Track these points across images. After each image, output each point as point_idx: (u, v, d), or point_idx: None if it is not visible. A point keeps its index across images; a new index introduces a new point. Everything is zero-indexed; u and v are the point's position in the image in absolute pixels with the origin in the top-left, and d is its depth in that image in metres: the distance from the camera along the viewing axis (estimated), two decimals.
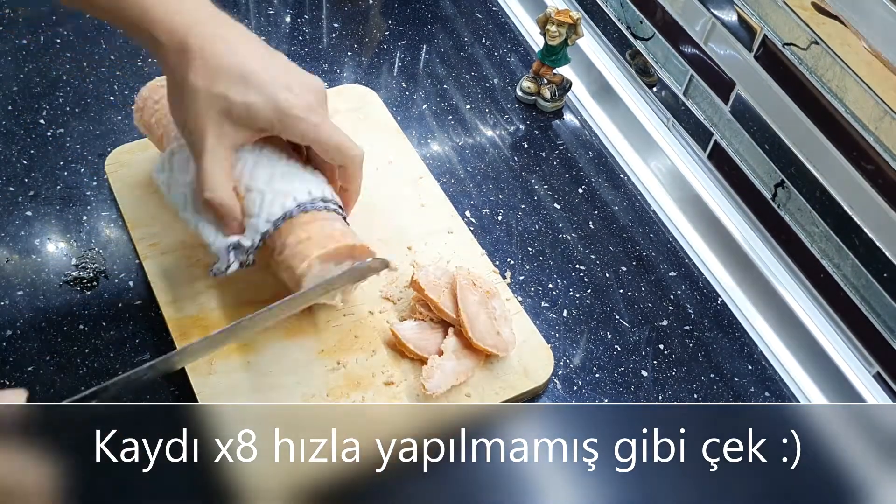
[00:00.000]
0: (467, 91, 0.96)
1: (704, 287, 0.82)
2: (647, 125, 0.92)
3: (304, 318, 0.71)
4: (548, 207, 0.86)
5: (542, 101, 0.94)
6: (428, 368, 0.67)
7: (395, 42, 0.99)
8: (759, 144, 0.81)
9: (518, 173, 0.88)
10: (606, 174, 0.91)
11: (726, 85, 0.82)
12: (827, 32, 0.70)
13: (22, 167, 0.80)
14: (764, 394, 0.76)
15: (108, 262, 0.75)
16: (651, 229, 0.86)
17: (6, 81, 0.87)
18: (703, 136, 0.88)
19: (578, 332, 0.77)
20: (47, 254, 0.75)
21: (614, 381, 0.74)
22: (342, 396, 0.67)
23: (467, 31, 1.02)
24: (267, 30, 0.98)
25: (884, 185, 0.69)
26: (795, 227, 0.79)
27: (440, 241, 0.78)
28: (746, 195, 0.84)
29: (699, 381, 0.75)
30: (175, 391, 0.67)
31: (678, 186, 0.89)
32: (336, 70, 0.95)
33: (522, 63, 0.99)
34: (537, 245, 0.82)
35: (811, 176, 0.76)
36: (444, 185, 0.84)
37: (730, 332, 0.80)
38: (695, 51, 0.85)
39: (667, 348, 0.77)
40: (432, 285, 0.71)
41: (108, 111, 0.86)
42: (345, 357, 0.69)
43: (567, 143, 0.93)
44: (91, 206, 0.78)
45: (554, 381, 0.73)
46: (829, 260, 0.77)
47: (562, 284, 0.80)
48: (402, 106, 0.93)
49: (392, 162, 0.84)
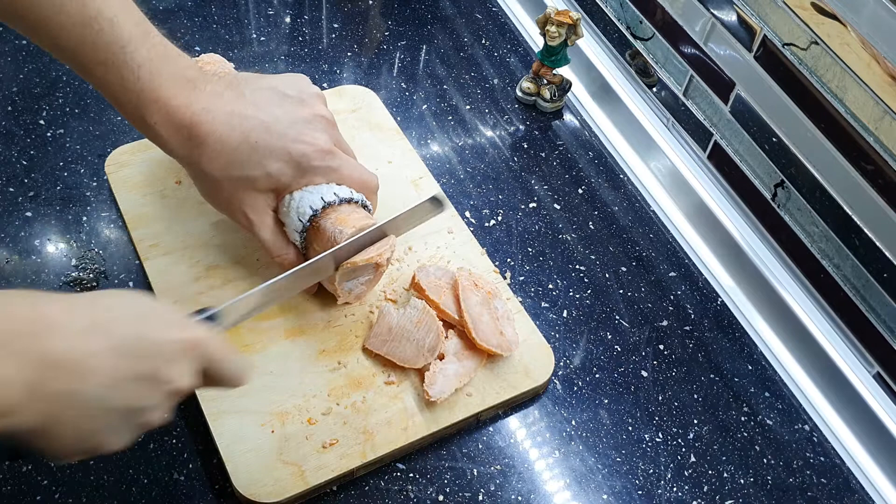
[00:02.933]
0: (467, 91, 0.96)
1: (704, 287, 0.83)
2: (646, 125, 0.92)
3: (305, 318, 0.71)
4: (548, 208, 0.86)
5: (542, 101, 0.94)
6: (430, 375, 0.67)
7: (395, 42, 0.99)
8: (759, 144, 0.81)
9: (518, 174, 0.88)
10: (606, 174, 0.91)
11: (726, 85, 0.82)
12: (827, 32, 0.70)
13: (22, 168, 0.80)
14: (764, 394, 0.76)
15: (109, 262, 0.75)
16: (651, 229, 0.86)
17: (6, 81, 0.87)
18: (702, 136, 0.88)
19: (578, 333, 0.77)
20: (47, 254, 0.75)
21: (614, 382, 0.74)
22: (343, 396, 0.67)
23: (467, 32, 1.02)
24: (267, 30, 0.98)
25: (884, 185, 0.69)
26: (795, 227, 0.79)
27: (440, 241, 0.78)
28: (746, 195, 0.85)
29: (699, 382, 0.75)
30: None
31: (678, 187, 0.89)
32: (336, 70, 0.95)
33: (522, 63, 0.99)
34: (537, 245, 0.82)
35: (811, 176, 0.76)
36: (444, 186, 0.84)
37: (730, 332, 0.80)
38: (695, 51, 0.85)
39: (667, 348, 0.77)
40: (433, 286, 0.71)
41: (108, 111, 0.86)
42: (346, 357, 0.69)
43: (567, 143, 0.93)
44: (91, 207, 0.78)
45: (554, 381, 0.73)
46: (829, 260, 0.77)
47: (562, 285, 0.80)
48: (402, 106, 0.93)
49: (392, 162, 0.84)
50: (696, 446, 0.71)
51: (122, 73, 0.60)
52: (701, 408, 0.74)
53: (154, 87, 0.61)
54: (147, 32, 0.61)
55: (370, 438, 0.65)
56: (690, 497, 0.68)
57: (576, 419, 0.71)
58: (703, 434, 0.72)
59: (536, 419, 0.71)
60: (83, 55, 0.60)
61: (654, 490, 0.68)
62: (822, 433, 0.74)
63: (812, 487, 0.71)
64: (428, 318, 0.69)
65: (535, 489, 0.67)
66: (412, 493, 0.65)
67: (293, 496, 0.62)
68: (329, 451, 0.64)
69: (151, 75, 0.60)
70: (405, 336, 0.68)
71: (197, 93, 0.62)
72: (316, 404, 0.66)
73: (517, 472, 0.67)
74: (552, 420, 0.71)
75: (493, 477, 0.67)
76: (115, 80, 0.60)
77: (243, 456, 0.63)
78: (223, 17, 0.98)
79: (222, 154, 0.62)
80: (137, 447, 0.64)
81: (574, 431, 0.71)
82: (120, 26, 0.59)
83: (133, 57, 0.60)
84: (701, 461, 0.70)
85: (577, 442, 0.70)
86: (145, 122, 0.62)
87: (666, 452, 0.70)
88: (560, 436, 0.70)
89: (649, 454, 0.70)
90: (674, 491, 0.68)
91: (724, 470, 0.70)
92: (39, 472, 0.62)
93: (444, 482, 0.66)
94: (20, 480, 0.62)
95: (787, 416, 0.75)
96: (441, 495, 0.65)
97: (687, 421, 0.73)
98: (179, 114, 0.61)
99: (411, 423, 0.66)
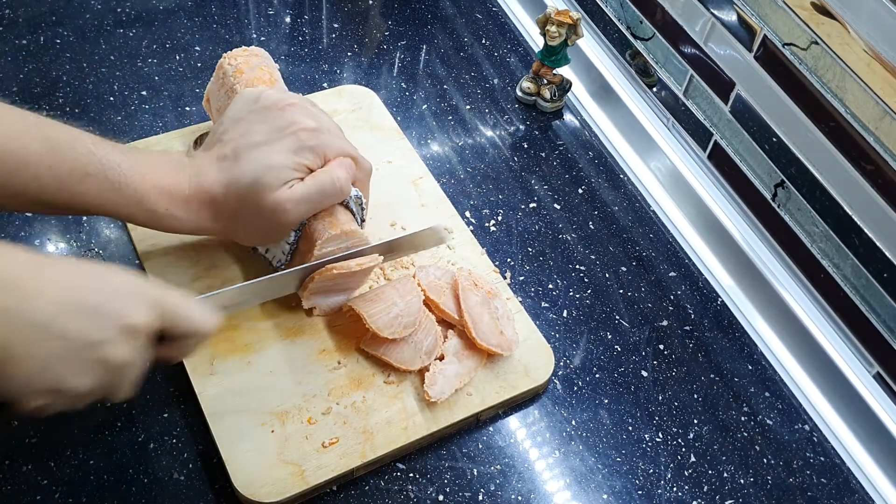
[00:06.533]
0: (467, 91, 0.96)
1: (704, 287, 0.83)
2: (647, 125, 0.92)
3: (305, 318, 0.71)
4: (548, 207, 0.86)
5: (542, 101, 0.94)
6: (430, 375, 0.67)
7: (395, 42, 0.99)
8: (759, 144, 0.81)
9: (518, 173, 0.88)
10: (606, 174, 0.91)
11: (726, 85, 0.82)
12: (827, 32, 0.70)
13: None
14: (764, 394, 0.76)
15: (109, 262, 0.75)
16: (651, 229, 0.86)
17: (6, 81, 0.87)
18: (703, 136, 0.88)
19: (578, 333, 0.77)
20: (47, 254, 0.75)
21: (614, 382, 0.74)
22: (343, 396, 0.67)
23: (467, 32, 1.02)
24: (267, 30, 0.98)
25: (884, 185, 0.69)
26: (795, 227, 0.79)
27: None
28: (746, 195, 0.85)
29: (699, 382, 0.75)
30: (175, 391, 0.67)
31: (678, 186, 0.89)
32: (336, 70, 0.95)
33: (522, 63, 0.99)
34: (537, 245, 0.82)
35: (811, 176, 0.76)
36: (444, 186, 0.84)
37: (730, 332, 0.80)
38: (695, 51, 0.85)
39: (667, 348, 0.77)
40: (433, 286, 0.71)
41: (108, 111, 0.86)
42: (346, 357, 0.69)
43: (567, 143, 0.93)
44: None
45: (554, 381, 0.73)
46: (829, 260, 0.77)
47: (562, 284, 0.80)
48: (402, 106, 0.93)
49: (392, 162, 0.84)
50: (696, 446, 0.71)
51: (107, 175, 0.60)
52: (701, 408, 0.74)
53: (141, 175, 0.61)
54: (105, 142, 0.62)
55: (370, 438, 0.65)
56: (690, 497, 0.68)
57: (576, 419, 0.71)
58: (703, 434, 0.72)
59: (536, 419, 0.71)
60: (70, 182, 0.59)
61: (654, 490, 0.68)
62: (822, 433, 0.74)
63: (812, 487, 0.71)
64: (427, 322, 0.69)
65: (535, 489, 0.67)
66: (412, 493, 0.65)
67: (293, 496, 0.62)
68: (329, 451, 0.64)
69: (133, 169, 0.61)
70: (388, 300, 0.68)
71: (183, 169, 0.64)
72: (316, 404, 0.66)
73: (517, 472, 0.67)
74: (552, 420, 0.71)
75: (493, 477, 0.67)
76: (105, 186, 0.60)
77: (243, 456, 0.63)
78: (223, 16, 0.98)
79: (235, 192, 0.63)
80: (137, 447, 0.64)
81: (574, 431, 0.71)
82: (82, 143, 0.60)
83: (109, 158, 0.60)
84: (701, 461, 0.70)
85: (577, 442, 0.70)
86: (156, 212, 0.62)
87: (666, 452, 0.70)
88: (560, 436, 0.70)
89: (649, 454, 0.70)
90: (674, 491, 0.68)
91: (724, 470, 0.70)
92: (39, 472, 0.62)
93: (444, 482, 0.66)
94: (20, 480, 0.62)
95: (787, 416, 0.75)
96: (441, 495, 0.65)
97: (687, 421, 0.73)
98: (178, 189, 0.63)
99: (411, 422, 0.66)
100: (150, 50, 0.92)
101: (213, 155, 0.65)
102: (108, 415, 0.65)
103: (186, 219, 0.64)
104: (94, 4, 0.96)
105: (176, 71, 0.91)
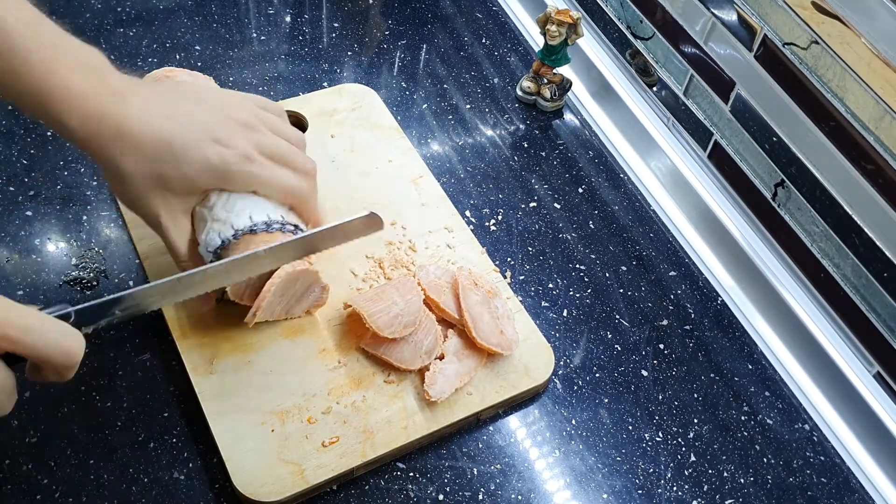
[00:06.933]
0: (467, 91, 0.96)
1: (704, 287, 0.83)
2: (647, 125, 0.92)
3: (305, 317, 0.71)
4: (548, 207, 0.86)
5: (542, 100, 0.94)
6: (430, 375, 0.67)
7: (395, 42, 0.99)
8: (759, 144, 0.81)
9: (518, 173, 0.88)
10: (606, 174, 0.91)
11: (726, 85, 0.82)
12: (827, 32, 0.70)
13: (22, 167, 0.80)
14: (764, 393, 0.76)
15: (109, 261, 0.75)
16: (651, 229, 0.86)
17: None
18: (703, 135, 0.88)
19: (578, 332, 0.77)
20: (47, 254, 0.75)
21: (614, 381, 0.74)
22: (343, 395, 0.67)
23: (467, 31, 1.02)
24: (267, 29, 0.98)
25: (884, 185, 0.69)
26: (795, 226, 0.79)
27: (440, 240, 0.78)
28: (746, 195, 0.85)
29: (699, 381, 0.75)
30: (175, 391, 0.67)
31: (678, 186, 0.89)
32: (336, 69, 0.95)
33: (522, 63, 0.99)
34: (537, 245, 0.82)
35: (811, 176, 0.76)
36: (444, 185, 0.84)
37: (730, 332, 0.80)
38: (695, 50, 0.85)
39: (667, 348, 0.77)
40: (434, 285, 0.71)
41: None
42: (346, 356, 0.69)
43: (567, 142, 0.93)
44: (91, 206, 0.78)
45: (554, 380, 0.73)
46: (829, 260, 0.77)
47: (562, 284, 0.80)
48: (402, 105, 0.93)
49: (392, 161, 0.84)
50: (696, 445, 0.71)
51: (11, 63, 0.56)
52: (701, 407, 0.74)
53: (50, 73, 0.57)
54: (38, 24, 0.58)
55: (370, 437, 0.65)
56: (690, 496, 0.68)
57: (576, 418, 0.71)
58: (703, 433, 0.72)
59: (536, 418, 0.71)
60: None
61: (654, 489, 0.68)
62: (822, 433, 0.74)
63: (812, 487, 0.71)
64: (427, 321, 0.69)
65: (535, 488, 0.67)
66: (412, 493, 0.65)
67: (293, 495, 0.62)
68: (329, 450, 0.64)
69: (45, 62, 0.56)
70: (388, 299, 0.67)
71: (105, 83, 0.59)
72: (316, 403, 0.66)
73: (517, 472, 0.67)
74: (552, 419, 0.71)
75: (493, 476, 0.67)
76: (6, 69, 0.56)
77: (243, 455, 0.63)
78: (223, 16, 0.98)
79: (135, 149, 0.59)
80: (137, 446, 0.64)
81: (574, 431, 0.71)
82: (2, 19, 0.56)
83: (21, 44, 0.56)
84: (701, 460, 0.70)
85: (577, 441, 0.70)
86: (48, 111, 0.57)
87: (666, 452, 0.70)
88: (560, 435, 0.70)
89: (649, 453, 0.70)
90: (674, 490, 0.68)
91: (724, 469, 0.70)
92: (39, 472, 0.62)
93: (444, 481, 0.66)
94: (20, 480, 0.62)
95: (787, 415, 0.75)
96: (441, 494, 0.65)
97: (687, 420, 0.73)
98: (88, 103, 0.57)
99: (411, 422, 0.66)
100: (150, 50, 0.92)
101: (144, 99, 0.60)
102: (108, 415, 0.66)
103: (74, 129, 0.58)
104: (94, 4, 0.96)
105: None
